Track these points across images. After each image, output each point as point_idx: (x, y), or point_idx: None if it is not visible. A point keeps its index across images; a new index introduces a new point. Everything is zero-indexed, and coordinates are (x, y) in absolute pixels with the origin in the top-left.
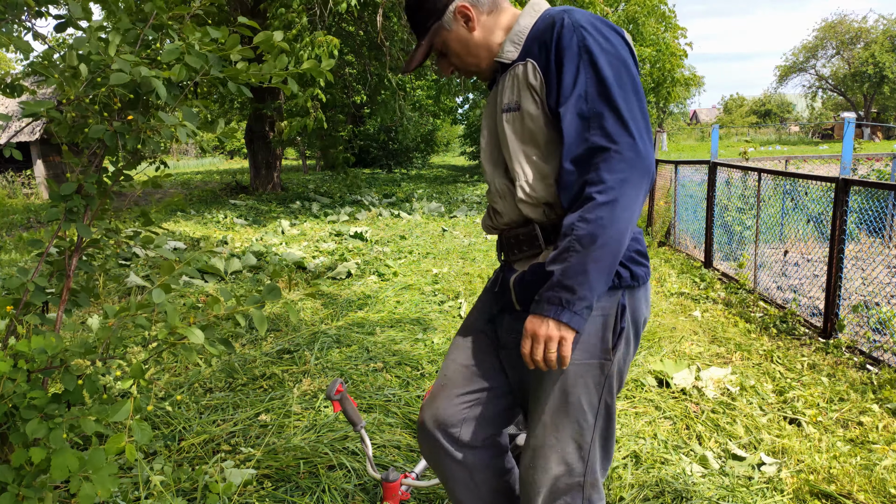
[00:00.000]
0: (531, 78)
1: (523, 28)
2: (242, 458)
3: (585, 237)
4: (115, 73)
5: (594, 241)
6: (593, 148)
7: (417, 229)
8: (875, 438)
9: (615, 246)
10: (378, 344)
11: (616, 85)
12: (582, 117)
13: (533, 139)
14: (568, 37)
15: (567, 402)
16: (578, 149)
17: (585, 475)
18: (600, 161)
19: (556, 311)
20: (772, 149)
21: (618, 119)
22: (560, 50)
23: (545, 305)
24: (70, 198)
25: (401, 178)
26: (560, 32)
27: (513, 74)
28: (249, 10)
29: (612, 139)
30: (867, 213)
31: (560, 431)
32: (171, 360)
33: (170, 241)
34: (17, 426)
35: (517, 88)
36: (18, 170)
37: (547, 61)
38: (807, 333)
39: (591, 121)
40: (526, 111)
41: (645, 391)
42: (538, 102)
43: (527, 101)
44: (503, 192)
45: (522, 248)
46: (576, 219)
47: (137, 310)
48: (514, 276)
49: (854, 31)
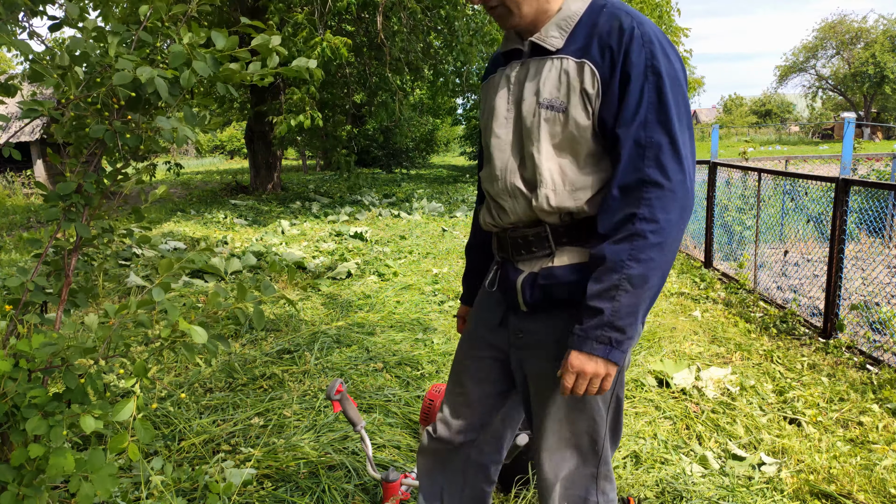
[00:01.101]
0: (588, 85)
1: (573, 14)
2: (242, 458)
3: (637, 278)
4: (117, 72)
5: (645, 283)
6: (647, 181)
7: (417, 229)
8: (875, 438)
9: (660, 286)
10: (378, 344)
11: (676, 116)
12: (639, 144)
13: (572, 147)
14: (637, 51)
15: (584, 399)
16: (630, 177)
17: (599, 467)
18: (654, 197)
19: (606, 351)
20: (772, 149)
21: (675, 153)
22: (627, 65)
23: (594, 344)
24: (69, 197)
25: (401, 178)
26: (630, 45)
27: (561, 69)
28: (249, 9)
29: (667, 175)
30: (867, 213)
31: (575, 425)
32: (171, 360)
33: (170, 241)
34: (18, 425)
35: (566, 89)
36: (18, 170)
37: (611, 73)
38: (807, 333)
39: (647, 150)
40: (573, 118)
41: (645, 391)
42: (590, 113)
43: (576, 108)
44: (514, 192)
45: (531, 249)
46: (626, 256)
47: (138, 308)
48: (521, 277)
49: (854, 31)
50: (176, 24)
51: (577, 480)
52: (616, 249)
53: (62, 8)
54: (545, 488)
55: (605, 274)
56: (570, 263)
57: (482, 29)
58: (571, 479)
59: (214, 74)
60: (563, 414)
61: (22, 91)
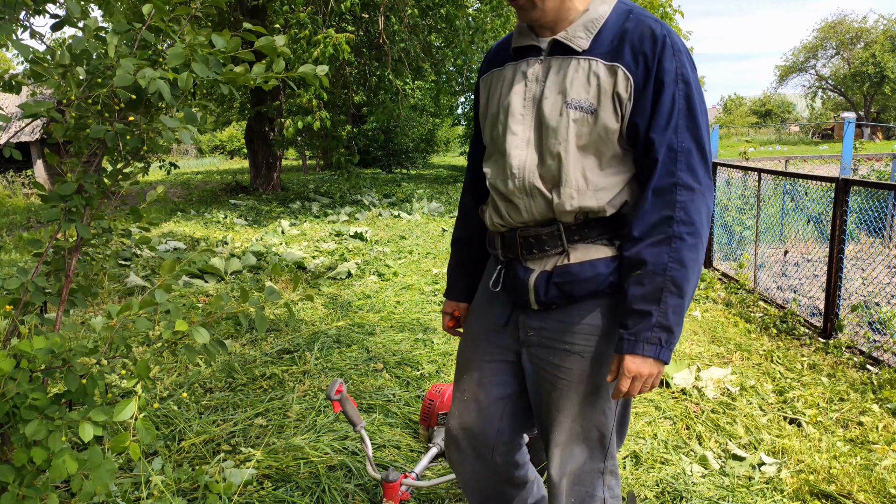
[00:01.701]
0: (621, 89)
1: (599, 16)
2: (242, 458)
3: (681, 279)
4: (118, 74)
5: (687, 282)
6: (681, 184)
7: (417, 229)
8: (875, 438)
9: (696, 283)
10: (378, 344)
11: (702, 123)
12: (672, 149)
13: (597, 149)
14: (669, 59)
15: (596, 394)
16: (664, 181)
17: (605, 462)
18: (688, 200)
19: (657, 351)
20: (772, 149)
21: (702, 158)
22: (661, 72)
23: (646, 346)
24: (69, 198)
25: (401, 178)
26: (662, 53)
27: (590, 71)
28: (249, 10)
29: (698, 179)
30: (867, 213)
31: (586, 420)
32: (170, 361)
33: (169, 241)
34: (18, 426)
35: (596, 91)
36: (18, 170)
37: (645, 79)
38: (807, 333)
39: (679, 154)
40: (602, 120)
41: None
42: (619, 117)
43: (606, 111)
44: (532, 191)
45: (544, 247)
46: (667, 258)
47: (140, 309)
48: (533, 276)
49: (854, 31)
50: (180, 24)
51: (584, 476)
52: (657, 252)
53: (62, 7)
54: (554, 483)
55: (647, 277)
56: (585, 260)
57: (483, 27)
58: (579, 475)
59: (218, 76)
60: (577, 410)
61: (23, 90)
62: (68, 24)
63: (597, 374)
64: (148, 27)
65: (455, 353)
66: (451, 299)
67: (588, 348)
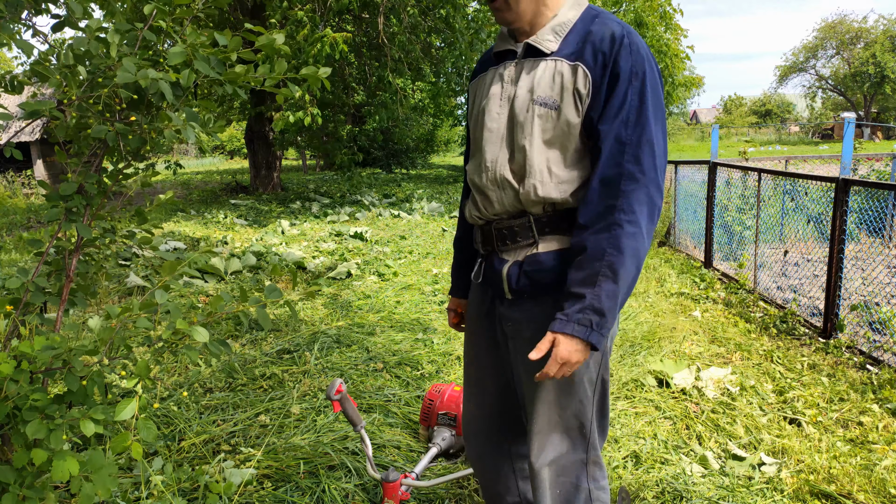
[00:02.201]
0: (580, 85)
1: (567, 21)
2: (242, 458)
3: (617, 266)
4: (120, 73)
5: (625, 270)
6: (626, 175)
7: (417, 229)
8: (875, 438)
9: (637, 273)
10: (378, 344)
11: (654, 118)
12: (619, 141)
13: (561, 143)
14: (625, 57)
15: (572, 382)
16: (610, 171)
17: (588, 452)
18: (631, 190)
19: (587, 333)
20: (772, 149)
21: (650, 152)
22: (616, 69)
23: (576, 326)
24: (70, 198)
25: (401, 178)
26: (619, 51)
27: (555, 70)
28: (249, 10)
29: (643, 171)
30: (867, 213)
31: (564, 410)
32: (171, 360)
33: (170, 241)
34: (19, 427)
35: (560, 88)
36: (18, 170)
37: (602, 75)
38: (807, 333)
39: (627, 146)
40: (565, 115)
41: (645, 391)
42: (579, 111)
43: (568, 106)
44: (502, 183)
45: (516, 238)
46: (606, 245)
47: (140, 310)
48: (506, 266)
49: (854, 31)
50: (182, 24)
51: (567, 467)
52: (597, 239)
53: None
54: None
55: (586, 262)
56: (553, 250)
57: (483, 29)
58: (562, 466)
59: (220, 76)
60: (553, 397)
61: (24, 90)
62: (69, 26)
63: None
64: (150, 27)
65: (455, 353)
66: (455, 296)
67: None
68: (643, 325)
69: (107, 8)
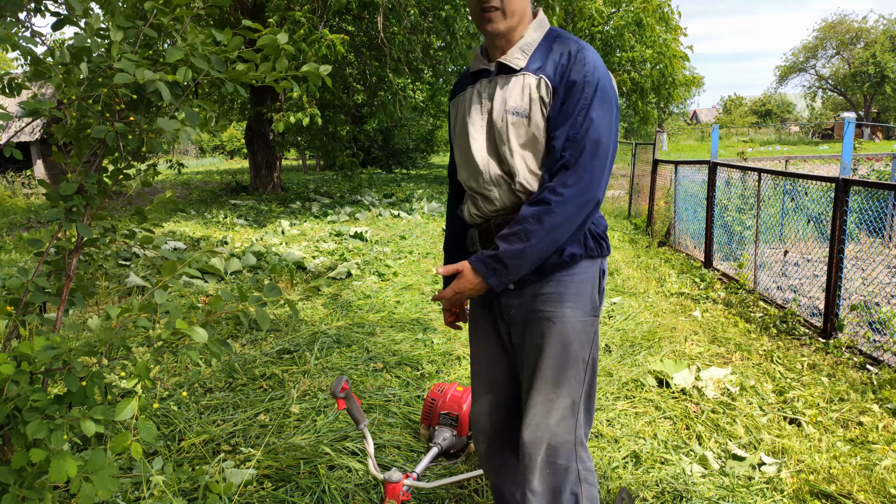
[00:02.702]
0: (543, 94)
1: (532, 41)
2: (242, 458)
3: (532, 233)
4: (118, 73)
5: (537, 238)
6: (566, 164)
7: (417, 229)
8: (875, 438)
9: (551, 247)
10: (378, 344)
11: (599, 120)
12: (569, 138)
13: (532, 144)
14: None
15: (568, 357)
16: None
17: (576, 433)
18: (565, 175)
19: (488, 274)
20: (772, 149)
21: (594, 148)
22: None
23: (482, 266)
24: (71, 198)
25: (401, 178)
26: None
27: (524, 83)
28: (249, 10)
29: (580, 160)
30: (867, 213)
31: (559, 387)
32: (171, 360)
33: (170, 241)
34: (19, 428)
35: (528, 98)
36: (18, 170)
37: (559, 84)
38: (807, 333)
39: (574, 143)
40: (534, 121)
41: (645, 391)
42: (544, 116)
43: (536, 113)
44: (498, 181)
45: None
46: (531, 214)
47: (140, 311)
48: None
49: (854, 31)
50: (182, 22)
51: (557, 448)
52: (527, 209)
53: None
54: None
55: (514, 224)
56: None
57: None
58: (553, 447)
59: (221, 74)
60: (550, 377)
61: (24, 90)
62: (69, 24)
63: (568, 339)
64: (150, 25)
65: (455, 353)
66: None
67: (559, 314)
68: (643, 325)
69: (106, 8)
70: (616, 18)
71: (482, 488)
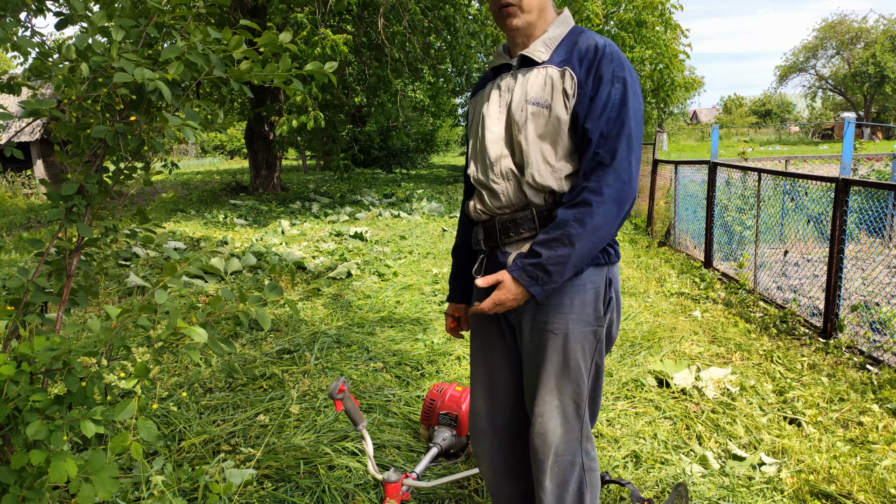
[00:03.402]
0: (567, 86)
1: (556, 36)
2: (242, 458)
3: (575, 237)
4: (117, 72)
5: (581, 241)
6: (602, 163)
7: (417, 229)
8: (875, 438)
9: (594, 250)
10: (378, 344)
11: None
12: (601, 136)
13: (552, 137)
14: (607, 64)
15: (568, 366)
16: (592, 161)
17: (582, 430)
18: (602, 175)
19: (530, 283)
20: (772, 149)
21: (627, 145)
22: (600, 73)
23: (523, 274)
24: (71, 198)
25: (401, 178)
26: (602, 58)
27: (546, 75)
28: (249, 10)
29: (615, 158)
30: (867, 213)
31: (562, 393)
32: (171, 361)
33: (170, 241)
34: (19, 428)
35: (550, 89)
36: (18, 170)
37: (586, 77)
38: (807, 333)
39: (607, 140)
40: (555, 113)
41: (645, 391)
42: (567, 109)
43: (558, 104)
44: (507, 175)
45: (520, 230)
46: (571, 217)
47: (140, 311)
48: (510, 258)
49: (854, 31)
50: (185, 19)
51: (564, 446)
52: (566, 212)
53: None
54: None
55: (552, 228)
56: None
57: (483, 31)
58: (560, 446)
59: (224, 74)
60: (554, 383)
61: (28, 86)
62: (71, 24)
63: (569, 350)
64: (153, 24)
65: (455, 353)
66: (452, 301)
67: (560, 325)
68: (643, 325)
69: (107, 8)
70: (617, 16)
71: (482, 488)
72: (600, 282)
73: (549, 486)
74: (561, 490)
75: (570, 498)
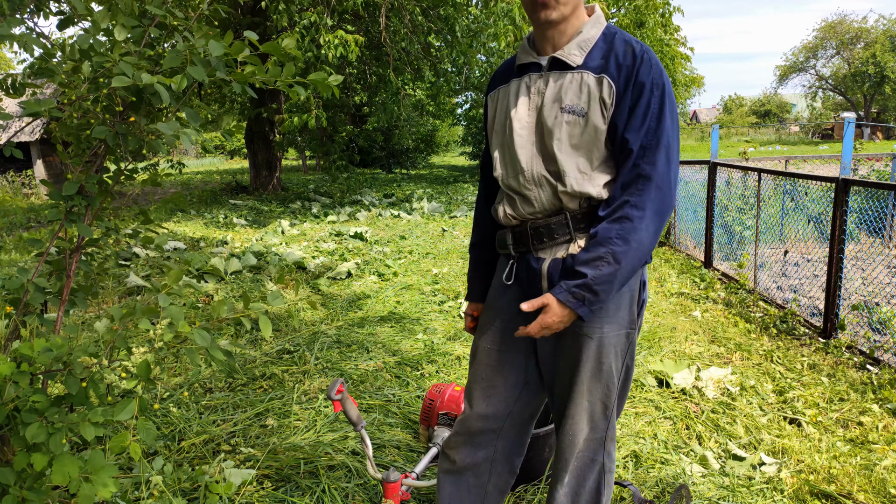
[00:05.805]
0: (605, 95)
1: (591, 37)
2: (242, 458)
3: (621, 254)
4: (117, 75)
5: (626, 259)
6: (642, 175)
7: (417, 229)
8: (875, 438)
9: (638, 265)
10: (378, 344)
11: (671, 125)
12: (642, 147)
13: (587, 145)
14: (646, 71)
15: (600, 370)
16: (631, 173)
17: (607, 431)
18: (644, 189)
19: (577, 305)
20: (772, 149)
21: (666, 156)
22: (639, 82)
23: (570, 297)
24: (72, 198)
25: (401, 178)
26: (640, 65)
27: (582, 81)
28: (250, 10)
29: (656, 170)
30: (867, 213)
31: (592, 395)
32: (171, 361)
33: (170, 241)
34: (19, 429)
35: (587, 97)
36: (19, 170)
37: (625, 87)
38: (807, 333)
39: (646, 151)
40: (592, 122)
41: (645, 391)
42: (605, 118)
43: (595, 114)
44: (541, 181)
45: (554, 236)
46: (615, 234)
47: (143, 315)
48: (546, 265)
49: (854, 31)
50: (188, 19)
51: (587, 444)
52: (608, 228)
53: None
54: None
55: (594, 247)
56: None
57: (483, 31)
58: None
59: (227, 77)
60: (586, 386)
61: (31, 86)
62: (72, 24)
63: (603, 354)
64: (156, 25)
65: (455, 353)
66: (472, 301)
67: (596, 329)
68: (643, 326)
69: (110, 9)
70: (617, 18)
71: None
72: (635, 284)
73: (567, 480)
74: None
75: (586, 495)
